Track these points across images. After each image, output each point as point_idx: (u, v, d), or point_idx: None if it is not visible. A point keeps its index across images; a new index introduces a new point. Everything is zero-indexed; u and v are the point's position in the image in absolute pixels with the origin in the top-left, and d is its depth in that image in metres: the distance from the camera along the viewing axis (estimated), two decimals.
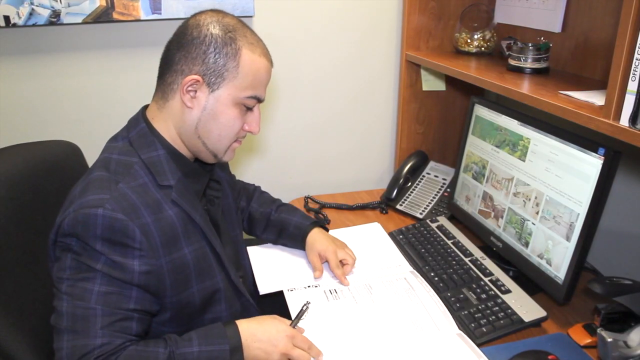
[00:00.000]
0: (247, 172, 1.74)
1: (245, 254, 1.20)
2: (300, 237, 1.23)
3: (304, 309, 1.02)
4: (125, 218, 0.83)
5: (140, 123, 0.95)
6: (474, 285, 1.15)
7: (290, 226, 1.24)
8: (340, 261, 1.18)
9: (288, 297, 1.12)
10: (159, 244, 0.87)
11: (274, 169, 1.77)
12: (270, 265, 1.24)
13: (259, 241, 1.34)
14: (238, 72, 0.89)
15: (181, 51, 0.89)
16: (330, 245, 1.19)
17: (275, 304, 1.12)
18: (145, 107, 0.98)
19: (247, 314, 1.04)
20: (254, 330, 0.91)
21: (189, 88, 0.89)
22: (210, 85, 0.89)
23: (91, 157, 1.22)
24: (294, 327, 0.97)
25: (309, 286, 1.16)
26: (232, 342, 0.87)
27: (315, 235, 1.22)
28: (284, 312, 1.06)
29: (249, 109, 0.95)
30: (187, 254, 0.92)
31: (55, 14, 1.37)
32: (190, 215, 0.93)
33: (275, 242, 1.30)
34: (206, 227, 0.96)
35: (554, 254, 1.08)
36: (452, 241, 1.33)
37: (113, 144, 0.95)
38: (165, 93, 0.93)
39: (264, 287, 1.16)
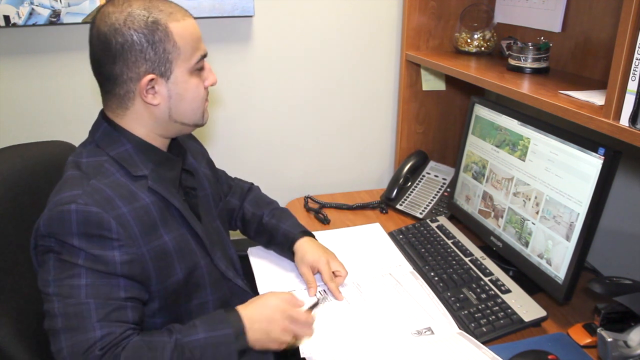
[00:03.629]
0: (248, 172, 1.74)
1: (230, 245, 1.16)
2: (287, 246, 1.19)
3: (317, 302, 1.01)
4: (100, 210, 0.82)
5: (101, 124, 0.93)
6: (474, 285, 1.15)
7: (278, 234, 1.21)
8: (333, 272, 1.14)
9: None
10: (138, 233, 0.87)
11: (274, 168, 1.77)
12: (270, 266, 1.24)
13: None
14: (178, 47, 0.88)
15: (118, 63, 0.86)
16: (322, 256, 1.14)
17: None
18: (102, 112, 0.96)
19: (238, 298, 1.04)
20: (251, 313, 0.91)
21: (148, 87, 0.88)
22: (164, 74, 0.89)
23: None
24: None
25: (306, 287, 1.16)
26: (235, 326, 0.88)
27: (304, 245, 1.17)
28: None
29: (201, 69, 0.94)
30: (168, 241, 0.92)
31: (55, 13, 1.37)
32: (170, 200, 0.93)
33: (266, 247, 1.28)
34: (186, 212, 0.96)
35: (554, 253, 1.09)
36: (452, 241, 1.33)
37: (79, 150, 0.94)
38: (123, 103, 0.91)
39: (264, 287, 1.15)
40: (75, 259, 0.82)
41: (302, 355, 0.96)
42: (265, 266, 1.24)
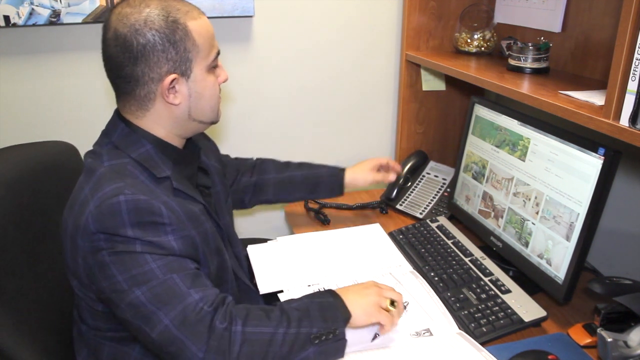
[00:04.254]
0: None
1: (238, 242, 1.18)
2: (338, 184, 1.39)
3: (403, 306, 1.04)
4: (147, 197, 0.83)
5: (118, 125, 0.93)
6: (474, 285, 1.15)
7: (324, 178, 1.38)
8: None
9: (288, 296, 1.12)
10: (185, 218, 0.88)
11: None
12: (270, 265, 1.24)
13: (258, 240, 1.35)
14: (197, 45, 0.89)
15: (139, 64, 0.86)
16: (365, 163, 1.44)
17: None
18: (118, 113, 0.95)
19: (246, 296, 1.06)
20: (341, 290, 0.95)
21: (169, 87, 0.89)
22: (184, 73, 0.89)
23: None
24: None
25: (309, 285, 1.16)
26: (333, 294, 0.92)
27: (351, 175, 1.40)
28: None
29: (215, 66, 0.96)
30: (208, 228, 0.94)
31: (55, 13, 1.37)
32: (196, 198, 0.95)
33: (305, 198, 1.43)
34: (210, 208, 0.98)
35: (554, 253, 1.08)
36: (452, 241, 1.33)
37: (97, 151, 0.92)
38: (143, 104, 0.90)
39: (264, 286, 1.16)
40: (132, 248, 0.81)
41: None
42: (264, 264, 1.24)
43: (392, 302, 0.95)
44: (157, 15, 0.85)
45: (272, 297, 1.14)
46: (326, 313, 0.87)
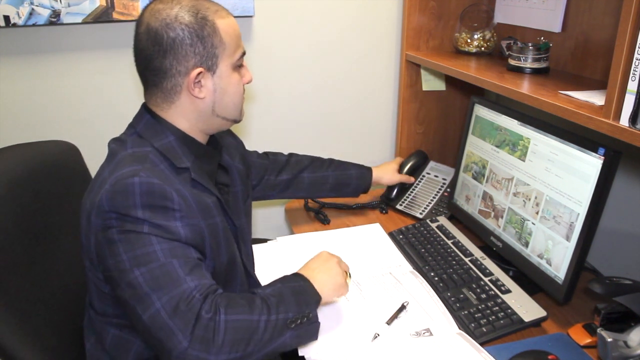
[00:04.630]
0: None
1: (250, 243, 1.20)
2: (365, 185, 1.48)
3: (401, 308, 1.06)
4: (161, 182, 0.85)
5: (144, 116, 0.96)
6: (474, 285, 1.15)
7: (353, 179, 1.46)
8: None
9: None
10: (196, 208, 0.89)
11: None
12: (270, 265, 1.24)
13: (258, 240, 1.35)
14: (224, 42, 0.92)
15: (168, 57, 0.89)
16: (392, 164, 1.57)
17: None
18: (145, 105, 0.98)
19: None
20: (305, 269, 1.00)
21: (195, 81, 0.91)
22: (210, 68, 0.92)
23: (89, 157, 1.22)
24: (389, 325, 1.03)
25: None
26: (303, 278, 0.96)
27: (377, 175, 1.50)
28: None
29: (240, 65, 0.99)
30: (219, 223, 0.95)
31: (55, 13, 1.37)
32: (212, 192, 0.96)
33: (333, 196, 1.48)
34: (225, 203, 1.00)
35: (554, 253, 1.08)
36: (452, 241, 1.33)
37: (123, 138, 0.95)
38: (169, 96, 0.93)
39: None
40: (140, 228, 0.83)
41: (300, 354, 0.97)
42: (264, 264, 1.24)
43: (348, 274, 1.05)
44: (187, 11, 0.89)
45: None
46: (299, 297, 0.91)
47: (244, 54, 0.98)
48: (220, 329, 0.81)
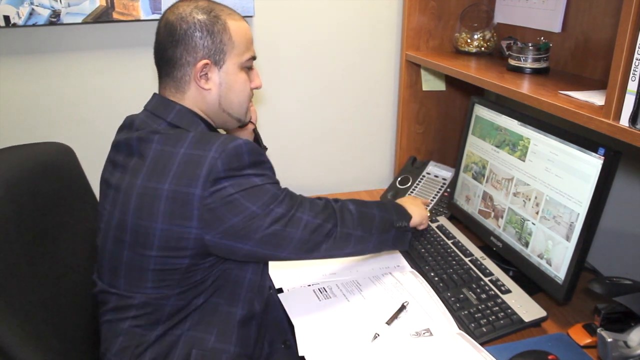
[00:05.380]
0: None
1: None
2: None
3: (402, 308, 1.08)
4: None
5: (173, 105, 0.97)
6: (474, 285, 1.15)
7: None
8: None
9: (282, 297, 1.12)
10: None
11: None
12: (271, 265, 1.23)
13: None
14: (233, 42, 0.97)
15: (179, 47, 0.95)
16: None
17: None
18: (160, 95, 1.00)
19: (267, 283, 1.08)
20: (400, 200, 1.25)
21: (201, 73, 0.96)
22: (217, 63, 0.97)
23: (90, 156, 1.23)
24: (389, 325, 1.04)
25: (309, 285, 1.16)
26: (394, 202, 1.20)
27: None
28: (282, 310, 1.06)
29: (250, 68, 1.04)
30: None
31: (55, 14, 1.37)
32: None
33: None
34: None
35: (554, 253, 1.08)
36: (452, 241, 1.33)
37: (160, 130, 0.94)
38: (180, 86, 0.98)
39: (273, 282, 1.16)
40: (255, 182, 0.91)
41: (300, 354, 0.97)
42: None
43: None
44: (202, 9, 0.96)
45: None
46: (399, 209, 1.17)
47: (254, 58, 1.03)
48: (354, 214, 1.03)
